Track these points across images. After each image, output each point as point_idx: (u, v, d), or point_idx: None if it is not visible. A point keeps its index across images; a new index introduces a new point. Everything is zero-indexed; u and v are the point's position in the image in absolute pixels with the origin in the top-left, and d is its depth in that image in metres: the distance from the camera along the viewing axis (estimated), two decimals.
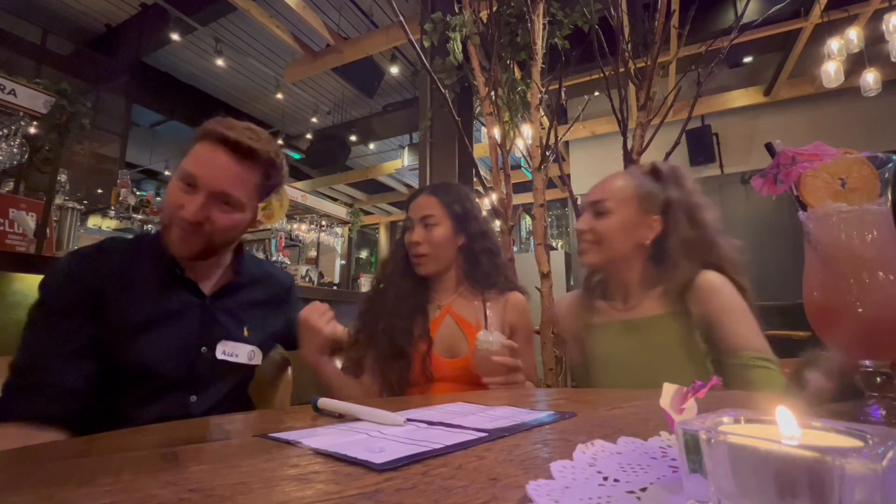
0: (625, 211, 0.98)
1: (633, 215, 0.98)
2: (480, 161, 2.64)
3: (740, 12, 2.13)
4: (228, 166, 0.84)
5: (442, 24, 2.16)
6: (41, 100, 2.45)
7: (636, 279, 1.00)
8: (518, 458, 0.36)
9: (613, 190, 1.01)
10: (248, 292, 0.97)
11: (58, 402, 0.72)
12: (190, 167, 0.83)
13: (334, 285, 6.51)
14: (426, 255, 1.12)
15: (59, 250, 2.39)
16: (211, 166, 0.83)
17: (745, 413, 0.28)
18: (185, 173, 0.83)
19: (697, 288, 0.91)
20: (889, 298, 0.40)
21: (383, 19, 4.82)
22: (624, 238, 0.98)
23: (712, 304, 0.89)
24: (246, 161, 0.86)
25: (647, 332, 0.96)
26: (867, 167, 0.40)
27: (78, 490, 0.31)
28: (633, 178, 1.03)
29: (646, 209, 0.99)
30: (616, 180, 1.03)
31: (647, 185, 1.01)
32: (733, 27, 2.02)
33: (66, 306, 0.78)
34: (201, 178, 0.82)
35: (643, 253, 0.99)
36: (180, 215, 0.82)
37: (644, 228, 0.98)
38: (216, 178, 0.83)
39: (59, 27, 5.08)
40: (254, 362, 0.94)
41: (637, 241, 0.98)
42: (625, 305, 1.02)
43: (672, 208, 0.98)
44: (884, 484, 0.18)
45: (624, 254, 0.99)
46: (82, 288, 0.79)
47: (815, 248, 0.44)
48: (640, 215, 0.98)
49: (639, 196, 1.00)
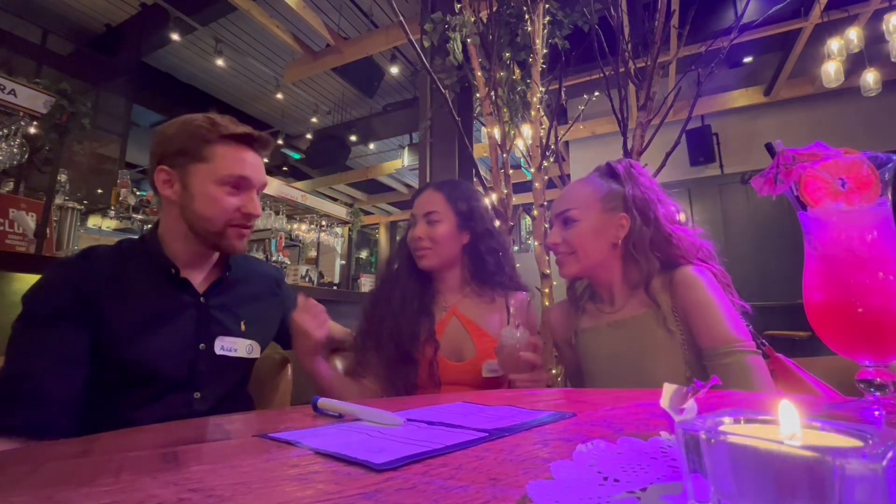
0: (590, 215, 0.99)
1: (599, 217, 0.99)
2: (480, 161, 2.64)
3: (740, 12, 2.13)
4: (257, 160, 0.92)
5: (442, 24, 2.15)
6: (41, 100, 2.46)
7: (618, 280, 1.01)
8: (518, 458, 0.36)
9: (575, 197, 1.02)
10: (241, 287, 0.98)
11: (44, 414, 0.71)
12: (239, 171, 0.87)
13: (334, 285, 6.51)
14: (430, 249, 1.10)
15: (59, 250, 2.39)
16: (250, 165, 0.89)
17: (745, 413, 0.28)
18: (238, 177, 0.87)
19: (674, 283, 0.93)
20: (889, 298, 0.40)
21: (383, 19, 4.82)
22: (596, 242, 0.99)
23: (686, 300, 0.90)
24: (260, 150, 0.93)
25: (634, 331, 0.96)
26: (867, 167, 0.40)
27: (78, 490, 0.31)
28: (591, 182, 1.05)
29: (610, 208, 1.00)
30: (575, 188, 1.05)
31: (605, 186, 1.03)
32: (733, 27, 2.03)
33: (57, 316, 0.76)
34: (253, 178, 0.89)
35: (618, 252, 1.00)
36: (246, 215, 0.88)
37: (613, 228, 0.99)
38: (259, 173, 0.91)
39: (59, 27, 5.08)
40: (252, 356, 0.94)
41: (609, 241, 0.99)
42: (612, 307, 1.02)
43: (630, 205, 0.99)
44: (884, 484, 0.18)
45: (599, 258, 0.99)
46: (74, 296, 0.78)
47: (815, 248, 0.44)
48: (605, 215, 0.99)
49: (600, 197, 1.01)
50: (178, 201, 0.87)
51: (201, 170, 0.86)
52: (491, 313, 1.11)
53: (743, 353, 0.82)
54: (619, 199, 1.00)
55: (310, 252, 7.34)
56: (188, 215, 0.87)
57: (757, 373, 0.81)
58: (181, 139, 0.87)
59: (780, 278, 3.31)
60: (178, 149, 0.86)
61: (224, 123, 0.88)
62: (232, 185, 0.87)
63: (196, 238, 0.88)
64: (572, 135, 4.56)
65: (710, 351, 0.85)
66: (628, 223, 0.99)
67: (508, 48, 2.19)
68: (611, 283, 1.02)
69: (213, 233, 0.87)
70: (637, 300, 0.98)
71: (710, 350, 0.85)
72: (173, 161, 0.87)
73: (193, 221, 0.87)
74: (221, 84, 6.22)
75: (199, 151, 0.86)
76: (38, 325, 0.76)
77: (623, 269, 1.01)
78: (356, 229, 7.21)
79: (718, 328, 0.85)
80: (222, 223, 0.87)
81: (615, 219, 0.99)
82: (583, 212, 1.00)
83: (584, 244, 0.99)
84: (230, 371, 0.91)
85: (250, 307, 0.98)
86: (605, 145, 5.14)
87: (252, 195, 0.90)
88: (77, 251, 0.88)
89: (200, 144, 0.86)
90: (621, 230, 0.99)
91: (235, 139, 0.88)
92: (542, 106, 2.11)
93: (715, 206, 5.04)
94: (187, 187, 0.86)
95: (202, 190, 0.85)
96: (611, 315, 1.01)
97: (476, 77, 2.13)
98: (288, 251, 6.19)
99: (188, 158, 0.86)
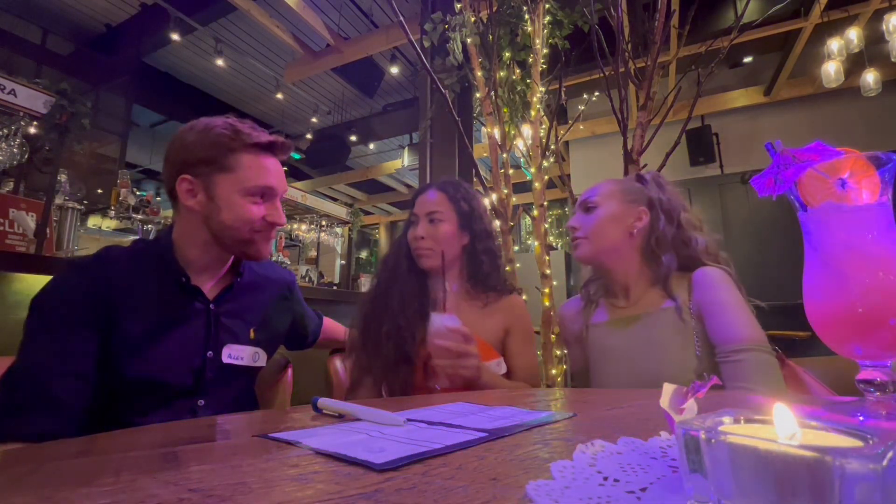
0: (611, 203, 1.04)
1: (618, 206, 1.04)
2: (480, 161, 2.64)
3: (740, 12, 2.13)
4: (278, 166, 0.91)
5: (442, 24, 2.16)
6: (41, 100, 2.46)
7: (634, 273, 1.03)
8: (518, 458, 0.36)
9: (599, 189, 1.08)
10: (252, 293, 0.97)
11: (55, 421, 0.70)
12: (264, 181, 0.86)
13: (334, 285, 6.50)
14: (431, 249, 1.10)
15: (59, 250, 2.39)
16: (274, 174, 0.89)
17: (745, 413, 0.28)
18: (263, 187, 0.86)
19: (694, 281, 0.95)
20: (889, 298, 0.40)
21: (383, 19, 4.82)
22: (611, 227, 1.02)
23: (705, 297, 0.92)
24: (279, 156, 0.92)
25: (647, 326, 0.97)
26: (867, 167, 0.40)
27: (78, 490, 0.31)
28: (617, 180, 1.11)
29: (630, 200, 1.04)
30: (602, 183, 1.10)
31: (630, 184, 1.08)
32: (733, 27, 2.03)
33: (73, 320, 0.75)
34: (278, 188, 0.89)
35: (634, 243, 1.02)
36: (271, 223, 0.88)
37: (630, 217, 1.02)
38: (282, 180, 0.91)
39: (59, 27, 5.08)
40: (258, 364, 0.94)
41: (625, 229, 1.02)
42: (626, 301, 1.03)
43: (654, 206, 1.04)
44: (884, 484, 0.18)
45: (614, 243, 1.02)
46: (92, 301, 0.77)
47: (815, 248, 0.44)
48: (625, 205, 1.04)
49: (623, 190, 1.06)
50: (202, 211, 0.85)
51: (226, 179, 0.84)
52: (483, 318, 1.10)
53: (758, 352, 0.83)
54: (641, 195, 1.05)
55: (310, 252, 7.33)
56: (213, 225, 0.85)
57: (770, 372, 0.82)
58: (203, 147, 0.84)
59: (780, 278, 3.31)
60: (200, 157, 0.84)
61: (247, 132, 0.86)
62: (258, 195, 0.86)
63: (220, 247, 0.87)
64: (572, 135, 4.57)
65: (724, 347, 0.86)
66: (647, 217, 1.02)
67: (508, 48, 2.19)
68: (626, 275, 1.03)
69: (239, 241, 0.87)
70: (652, 296, 1.00)
71: (724, 346, 0.86)
72: (196, 170, 0.84)
73: (219, 231, 0.85)
74: (221, 84, 6.22)
75: (222, 160, 0.84)
76: (50, 329, 0.74)
77: (641, 263, 1.03)
78: (356, 229, 7.22)
79: (736, 326, 0.86)
80: (248, 232, 0.86)
81: (634, 210, 1.03)
82: (604, 199, 1.05)
83: (600, 228, 1.03)
84: (235, 379, 0.91)
85: (260, 313, 0.97)
86: (605, 145, 5.14)
87: (276, 204, 0.90)
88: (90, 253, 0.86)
89: (224, 153, 0.84)
90: (639, 221, 1.02)
91: (259, 147, 0.87)
92: (542, 106, 2.11)
93: (715, 206, 5.03)
94: (213, 198, 0.84)
95: (228, 200, 0.84)
96: (624, 310, 1.03)
97: (476, 77, 2.13)
98: (288, 251, 6.19)
99: (212, 168, 0.84)
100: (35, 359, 0.73)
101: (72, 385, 0.73)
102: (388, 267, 1.16)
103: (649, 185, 1.08)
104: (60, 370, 0.73)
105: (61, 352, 0.74)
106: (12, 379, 0.72)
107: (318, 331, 1.18)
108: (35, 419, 0.69)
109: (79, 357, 0.75)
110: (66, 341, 0.74)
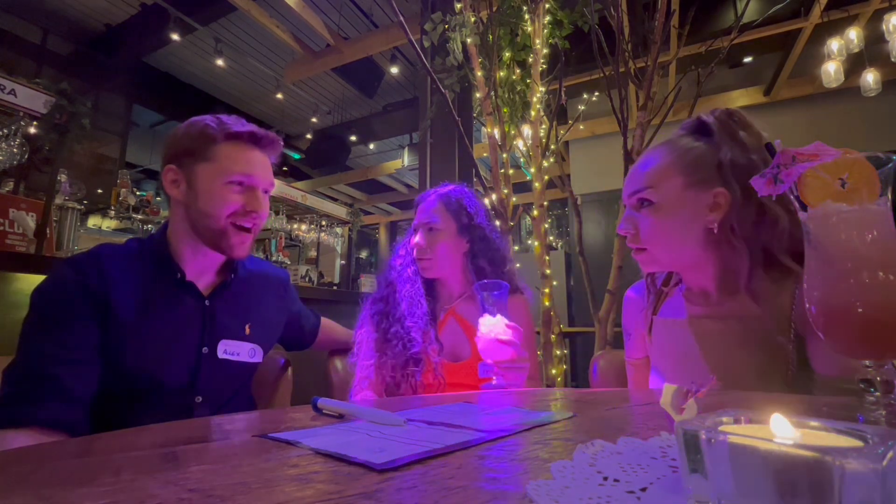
0: (672, 190, 0.75)
1: (683, 192, 0.75)
2: (480, 161, 2.64)
3: (740, 12, 2.13)
4: (264, 159, 0.91)
5: (442, 24, 2.15)
6: (41, 100, 2.46)
7: (715, 275, 0.78)
8: (518, 458, 0.36)
9: (653, 172, 0.78)
10: (247, 290, 0.97)
11: (67, 408, 0.71)
12: (242, 169, 0.86)
13: (334, 285, 6.50)
14: (430, 260, 1.12)
15: (59, 250, 2.39)
16: (256, 165, 0.88)
17: (745, 413, 0.28)
18: (242, 175, 0.86)
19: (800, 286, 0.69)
20: (889, 298, 0.40)
21: (383, 19, 4.82)
22: (680, 228, 0.75)
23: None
24: (267, 150, 0.92)
25: (727, 335, 0.76)
26: (867, 167, 0.40)
27: (78, 490, 0.31)
28: (672, 147, 0.79)
29: (699, 179, 0.74)
30: (654, 157, 0.80)
31: (693, 151, 0.77)
32: (733, 27, 2.03)
33: (72, 312, 0.76)
34: (258, 179, 0.88)
35: (716, 238, 0.75)
36: (249, 212, 0.87)
37: (704, 210, 0.74)
38: (265, 172, 0.89)
39: (59, 27, 5.08)
40: (255, 360, 0.94)
41: (699, 229, 0.75)
42: (706, 301, 0.81)
43: (730, 179, 0.72)
44: (884, 484, 0.18)
45: (686, 252, 0.77)
46: (87, 293, 0.78)
47: (815, 248, 0.44)
48: (693, 189, 0.74)
49: (686, 164, 0.76)
50: (184, 200, 0.87)
51: (206, 169, 0.86)
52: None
53: None
54: (710, 167, 0.74)
55: (310, 252, 7.33)
56: (192, 214, 0.86)
57: None
58: (188, 139, 0.87)
59: None
60: (185, 149, 0.86)
61: (230, 123, 0.88)
62: (237, 184, 0.86)
63: (199, 238, 0.88)
64: (572, 135, 4.56)
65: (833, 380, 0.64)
66: (727, 200, 0.72)
67: (508, 48, 2.19)
68: (706, 278, 0.79)
69: (214, 230, 0.86)
70: (741, 299, 0.75)
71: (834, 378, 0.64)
72: (181, 161, 0.87)
73: (196, 219, 0.86)
74: (221, 84, 6.22)
75: (205, 151, 0.86)
76: (51, 323, 0.76)
77: (718, 261, 0.76)
78: (356, 229, 7.20)
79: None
80: (224, 220, 0.86)
81: (706, 196, 0.74)
82: (662, 191, 0.76)
83: (662, 237, 0.76)
84: (232, 375, 0.91)
85: (256, 310, 0.97)
86: (605, 145, 5.13)
87: (257, 194, 0.88)
88: (85, 250, 0.86)
89: (207, 144, 0.86)
90: (716, 212, 0.73)
91: (241, 138, 0.88)
92: (542, 106, 2.11)
93: None
94: (193, 186, 0.86)
95: (207, 188, 0.85)
96: (703, 308, 0.80)
97: (476, 77, 2.13)
98: (288, 251, 6.18)
99: (195, 158, 0.86)
100: (40, 349, 0.74)
101: (78, 372, 0.74)
102: (395, 268, 1.18)
103: (717, 136, 0.76)
104: (66, 358, 0.74)
105: (64, 341, 0.75)
106: (19, 370, 0.73)
107: (315, 331, 1.18)
108: (47, 405, 0.70)
109: (81, 346, 0.76)
110: (67, 332, 0.75)
